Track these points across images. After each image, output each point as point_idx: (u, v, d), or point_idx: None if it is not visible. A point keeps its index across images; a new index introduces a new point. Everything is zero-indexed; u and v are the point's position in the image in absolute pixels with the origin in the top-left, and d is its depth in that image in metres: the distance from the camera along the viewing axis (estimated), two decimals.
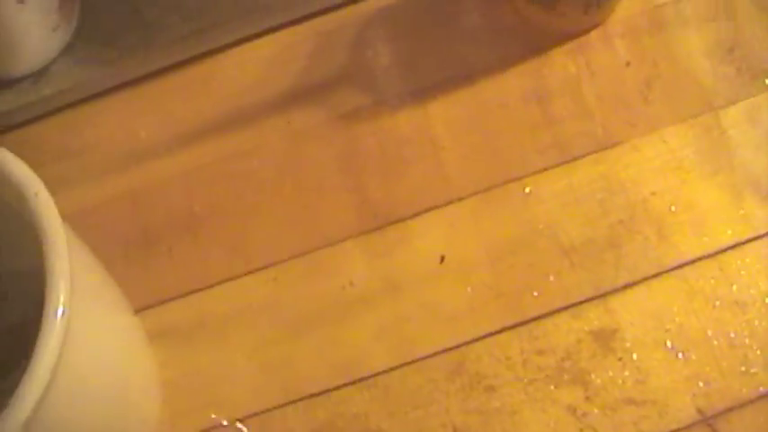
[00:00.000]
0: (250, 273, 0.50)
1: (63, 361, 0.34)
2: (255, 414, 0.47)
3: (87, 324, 0.39)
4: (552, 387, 0.45)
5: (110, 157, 0.53)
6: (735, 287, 0.45)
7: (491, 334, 0.47)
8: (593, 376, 0.45)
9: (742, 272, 0.46)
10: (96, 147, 0.53)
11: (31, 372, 0.34)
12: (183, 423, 0.48)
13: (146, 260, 0.50)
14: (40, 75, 0.54)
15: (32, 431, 0.34)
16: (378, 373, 0.47)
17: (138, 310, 0.48)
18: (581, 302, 0.46)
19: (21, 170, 0.39)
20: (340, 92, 0.53)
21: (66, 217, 0.37)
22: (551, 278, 0.47)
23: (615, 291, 0.46)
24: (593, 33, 0.51)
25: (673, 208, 0.47)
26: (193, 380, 0.49)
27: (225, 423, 0.48)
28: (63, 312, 0.35)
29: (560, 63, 0.51)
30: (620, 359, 0.45)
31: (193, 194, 0.52)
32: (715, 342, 0.45)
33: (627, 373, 0.45)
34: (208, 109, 0.54)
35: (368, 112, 0.52)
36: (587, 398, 0.45)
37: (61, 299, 0.35)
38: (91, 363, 0.40)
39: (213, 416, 0.48)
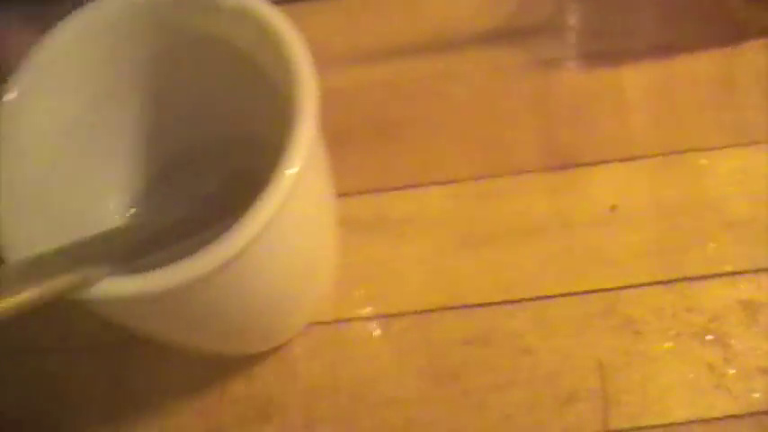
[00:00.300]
0: (433, 184, 0.53)
1: (282, 213, 0.36)
2: (416, 312, 0.51)
3: (306, 186, 0.41)
4: (696, 343, 0.49)
5: (319, 56, 0.57)
6: None
7: (647, 284, 0.50)
8: (734, 341, 0.49)
9: None
10: (308, 44, 0.57)
11: (253, 213, 0.35)
12: (343, 306, 0.52)
13: (338, 155, 0.53)
14: None
15: (231, 270, 0.36)
16: (537, 298, 0.50)
17: None
18: (736, 273, 0.50)
19: (278, 17, 0.41)
20: (542, 40, 0.57)
21: None
22: (711, 245, 0.50)
23: None
24: None
25: None
26: (361, 270, 0.52)
27: (375, 315, 0.51)
28: (299, 169, 0.37)
29: (754, 55, 0.55)
30: (763, 332, 0.48)
31: (391, 103, 0.56)
32: None
33: (767, 347, 0.48)
34: (417, 30, 0.58)
35: (565, 64, 0.55)
36: (726, 359, 0.48)
37: (302, 153, 0.37)
38: (297, 224, 0.41)
39: (369, 308, 0.51)
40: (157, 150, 0.50)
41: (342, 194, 0.52)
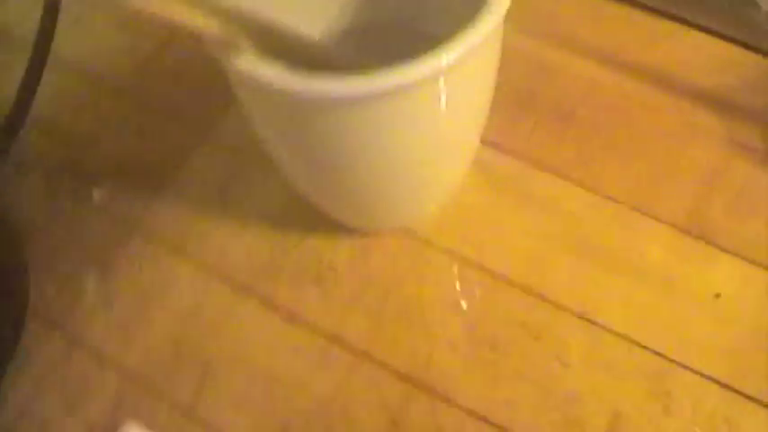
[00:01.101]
0: (579, 186, 0.56)
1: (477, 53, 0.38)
2: (500, 277, 0.54)
3: (488, 52, 0.43)
4: None
5: (552, 28, 0.59)
6: None
7: (705, 376, 0.50)
8: None
9: None
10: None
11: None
12: (444, 233, 0.56)
13: (517, 117, 0.56)
14: None
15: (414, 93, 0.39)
16: (603, 327, 0.52)
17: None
18: None
19: None
20: (745, 124, 0.58)
21: None
22: None
23: None
24: None
25: None
26: (477, 216, 0.56)
27: (463, 257, 0.54)
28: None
29: None
30: None
31: (587, 100, 0.59)
32: None
33: None
34: (648, 55, 0.61)
35: (755, 156, 0.56)
36: None
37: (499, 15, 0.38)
38: (475, 80, 0.43)
39: (463, 249, 0.55)
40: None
41: (500, 151, 0.54)
